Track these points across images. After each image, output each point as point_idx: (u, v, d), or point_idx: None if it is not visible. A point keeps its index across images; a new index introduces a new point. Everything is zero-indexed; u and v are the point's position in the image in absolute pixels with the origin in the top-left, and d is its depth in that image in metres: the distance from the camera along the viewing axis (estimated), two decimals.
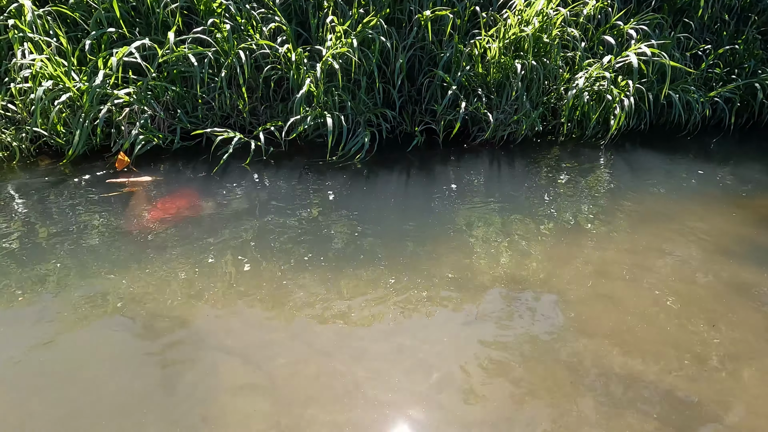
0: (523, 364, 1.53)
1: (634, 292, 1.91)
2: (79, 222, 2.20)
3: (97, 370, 1.44)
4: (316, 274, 1.92)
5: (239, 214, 2.35)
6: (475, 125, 3.53)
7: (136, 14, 3.09)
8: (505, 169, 3.12)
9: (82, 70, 2.80)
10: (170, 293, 1.76)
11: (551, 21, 3.39)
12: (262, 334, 1.60)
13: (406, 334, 1.63)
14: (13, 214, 2.25)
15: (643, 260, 2.12)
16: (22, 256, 1.94)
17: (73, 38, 2.94)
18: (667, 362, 1.56)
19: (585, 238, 2.29)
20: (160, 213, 2.31)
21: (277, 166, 2.95)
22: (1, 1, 2.81)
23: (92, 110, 2.72)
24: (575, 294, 1.88)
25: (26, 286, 1.76)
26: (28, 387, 1.37)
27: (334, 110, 3.13)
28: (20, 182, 2.56)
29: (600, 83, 3.41)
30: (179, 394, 1.36)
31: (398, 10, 3.47)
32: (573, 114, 3.56)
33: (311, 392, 1.39)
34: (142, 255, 1.98)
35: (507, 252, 2.15)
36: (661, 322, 1.74)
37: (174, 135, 3.03)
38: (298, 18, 3.39)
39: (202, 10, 3.06)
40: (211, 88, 3.08)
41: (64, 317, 1.62)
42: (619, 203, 2.68)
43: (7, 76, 2.81)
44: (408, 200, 2.60)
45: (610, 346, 1.62)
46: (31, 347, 1.50)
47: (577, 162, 3.28)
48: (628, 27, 3.65)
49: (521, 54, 3.38)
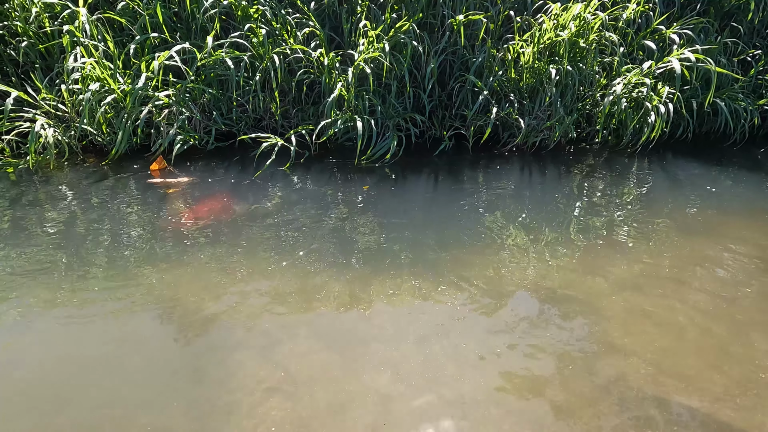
0: (550, 379, 1.49)
1: (669, 308, 1.83)
2: (118, 218, 2.31)
3: (129, 359, 1.50)
4: (342, 278, 1.93)
5: (269, 216, 2.40)
6: (506, 131, 3.47)
7: (178, 20, 3.22)
8: (536, 176, 3.05)
9: (126, 73, 2.93)
10: (201, 290, 1.82)
11: (588, 25, 3.30)
12: (286, 335, 1.62)
13: (429, 340, 1.62)
14: (60, 208, 2.38)
15: (679, 275, 2.03)
16: (63, 247, 2.05)
17: (118, 43, 3.09)
18: (702, 384, 1.48)
19: (618, 250, 2.21)
20: (194, 213, 2.39)
21: (306, 168, 3.00)
22: (55, 8, 2.99)
23: (134, 111, 2.85)
24: (606, 308, 1.82)
25: (66, 277, 1.86)
26: (65, 374, 1.44)
27: (364, 114, 3.15)
28: (68, 178, 2.71)
29: (639, 90, 3.29)
30: (206, 386, 1.40)
31: (431, 15, 3.46)
32: (609, 121, 3.45)
33: (332, 396, 1.40)
34: (176, 252, 2.05)
35: (535, 261, 2.10)
36: (696, 341, 1.66)
37: (209, 136, 3.13)
38: (332, 23, 3.45)
39: (239, 15, 3.16)
40: (246, 91, 3.16)
41: (99, 308, 1.70)
42: (657, 214, 2.57)
43: (59, 78, 2.98)
44: (435, 205, 2.59)
45: (643, 364, 1.55)
46: (69, 333, 1.58)
47: (612, 171, 3.17)
48: (670, 31, 3.50)
49: (556, 59, 3.31)
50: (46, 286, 1.80)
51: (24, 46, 2.96)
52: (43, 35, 3.02)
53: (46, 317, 1.66)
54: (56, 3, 2.95)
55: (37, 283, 1.82)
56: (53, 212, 2.34)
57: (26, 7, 2.94)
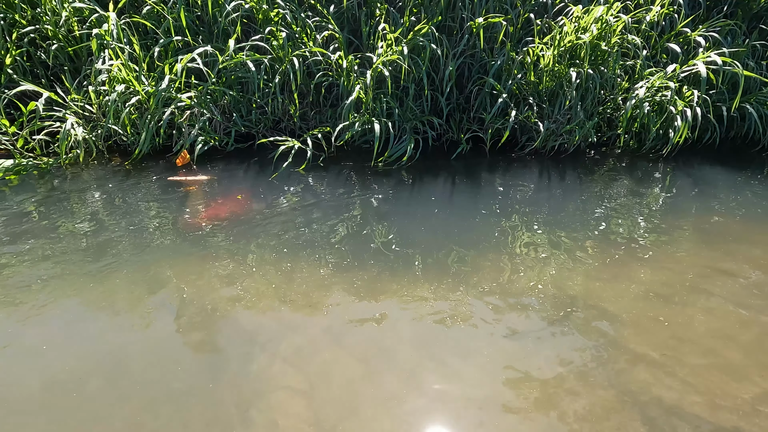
0: (570, 387, 1.46)
1: (692, 318, 1.78)
2: (140, 215, 2.36)
3: (147, 353, 1.53)
4: (356, 279, 1.94)
5: (285, 217, 2.42)
6: (525, 134, 3.44)
7: (200, 23, 3.29)
8: (555, 181, 3.01)
9: (150, 75, 3.01)
10: (218, 288, 1.85)
11: (611, 28, 3.25)
12: (299, 335, 1.63)
13: (442, 345, 1.61)
14: (87, 203, 2.45)
15: (701, 283, 1.97)
16: (87, 243, 2.10)
17: (143, 45, 3.17)
18: (728, 397, 1.44)
19: (638, 257, 2.16)
20: (213, 212, 2.43)
21: (323, 170, 3.02)
22: (84, 12, 3.08)
23: (157, 112, 2.92)
24: (625, 315, 1.78)
25: (89, 272, 1.91)
26: (86, 369, 1.48)
27: (382, 117, 3.16)
28: (95, 176, 2.78)
29: (663, 93, 3.22)
30: (221, 384, 1.42)
31: (450, 18, 3.46)
32: (631, 125, 3.39)
33: (345, 398, 1.40)
34: (195, 251, 2.09)
35: (553, 267, 2.07)
36: (721, 353, 1.61)
37: (229, 137, 3.18)
38: (350, 26, 3.47)
39: (260, 19, 3.21)
40: (265, 93, 3.20)
41: (119, 304, 1.74)
42: (679, 221, 2.51)
43: (86, 80, 3.07)
44: (451, 208, 2.58)
45: (666, 375, 1.51)
46: (89, 328, 1.62)
47: (633, 176, 3.11)
48: (695, 34, 3.43)
49: (577, 62, 3.26)
50: (73, 277, 1.85)
51: (54, 49, 3.05)
52: (71, 38, 3.12)
53: (73, 306, 1.70)
54: (85, 7, 3.04)
55: (63, 273, 1.87)
56: (81, 207, 2.41)
57: (56, 11, 3.04)
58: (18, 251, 2.02)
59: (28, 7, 3.07)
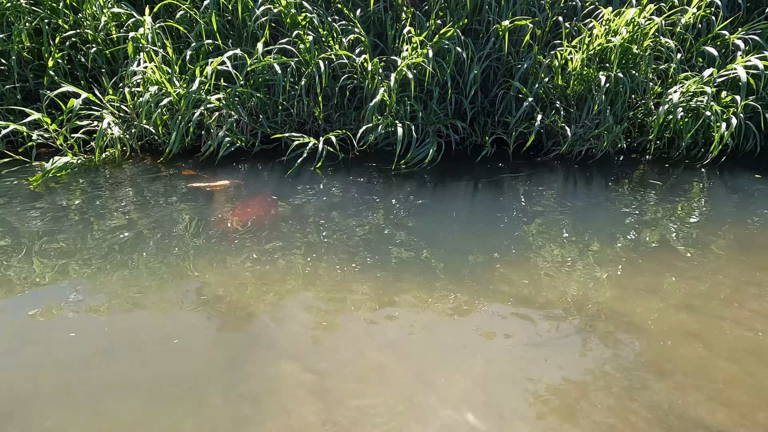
0: (594, 401, 1.42)
1: (721, 330, 1.69)
2: (168, 213, 2.43)
3: (170, 345, 1.57)
4: (376, 282, 1.94)
5: (308, 218, 2.45)
6: (550, 139, 3.37)
7: (230, 27, 3.38)
8: (582, 187, 2.94)
9: (182, 77, 3.11)
10: (241, 288, 1.88)
11: (643, 31, 3.15)
12: (317, 337, 1.65)
13: (462, 350, 1.59)
14: (120, 200, 2.55)
15: (735, 296, 1.88)
16: (121, 237, 2.18)
17: (175, 49, 3.28)
18: (752, 415, 1.36)
19: (670, 268, 2.08)
20: (237, 213, 2.48)
21: (346, 171, 3.04)
22: (122, 17, 3.22)
23: (187, 113, 3.01)
24: (654, 328, 1.71)
25: (116, 268, 1.98)
26: (112, 359, 1.53)
27: (405, 120, 3.17)
28: (128, 174, 2.89)
29: (698, 99, 3.10)
30: (239, 378, 1.44)
31: (476, 21, 3.44)
32: (663, 131, 3.27)
33: (361, 401, 1.40)
34: (220, 251, 2.14)
35: (578, 276, 2.02)
36: (754, 369, 1.52)
37: (255, 138, 3.25)
38: (376, 29, 3.50)
39: (288, 23, 3.27)
40: (291, 95, 3.26)
41: (142, 297, 1.80)
42: (713, 231, 2.40)
43: (121, 82, 3.20)
44: (473, 213, 2.55)
45: (694, 390, 1.45)
46: (115, 320, 1.68)
47: (665, 184, 3.00)
48: (734, 37, 3.29)
49: (606, 66, 3.18)
50: (103, 273, 1.93)
51: (93, 51, 3.20)
52: (109, 42, 3.26)
53: (102, 301, 1.77)
54: (123, 12, 3.18)
55: (93, 268, 1.95)
56: (114, 202, 2.50)
57: (96, 16, 3.18)
58: (55, 242, 2.12)
59: (70, 12, 3.23)
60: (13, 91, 3.17)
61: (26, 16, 3.18)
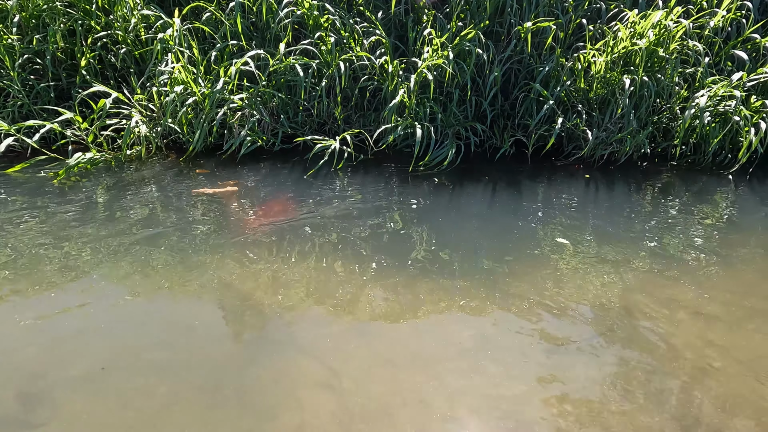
0: (613, 409, 1.39)
1: (744, 339, 1.64)
2: (190, 211, 2.49)
3: (186, 340, 1.60)
4: (393, 284, 1.95)
5: (327, 218, 2.47)
6: (571, 142, 3.33)
7: (254, 29, 3.45)
8: (603, 191, 2.89)
9: (206, 77, 3.18)
10: (260, 288, 1.92)
11: (669, 34, 3.09)
12: (333, 337, 1.66)
13: (479, 353, 1.58)
14: (140, 198, 2.62)
15: (760, 306, 1.82)
16: (137, 235, 2.24)
17: (201, 50, 3.36)
18: None
19: (694, 276, 2.03)
20: (257, 213, 2.52)
21: (364, 172, 3.06)
22: (150, 19, 3.32)
23: (211, 113, 3.08)
24: (673, 336, 1.67)
25: (137, 264, 2.04)
26: (135, 354, 1.58)
27: (425, 121, 3.17)
28: (154, 171, 2.97)
29: (726, 103, 3.02)
30: (254, 373, 1.47)
31: (497, 23, 3.42)
32: (689, 136, 3.20)
33: (377, 398, 1.41)
34: (238, 251, 2.18)
35: (596, 282, 1.99)
36: None
37: (276, 138, 3.30)
38: (397, 32, 3.51)
39: (310, 24, 3.32)
40: (312, 96, 3.30)
41: (163, 294, 1.85)
42: (741, 241, 2.33)
43: (149, 82, 3.30)
44: (492, 216, 2.54)
45: (721, 401, 1.41)
46: (135, 315, 1.73)
47: (690, 190, 2.93)
48: (766, 41, 3.19)
49: (631, 69, 3.13)
50: (123, 267, 1.98)
51: (122, 52, 3.30)
52: (138, 42, 3.36)
53: (125, 294, 1.82)
54: (151, 14, 3.27)
55: (116, 263, 2.01)
56: (138, 198, 2.58)
57: (127, 18, 3.29)
58: (81, 234, 2.19)
59: (102, 14, 3.34)
60: (47, 90, 3.29)
61: (61, 18, 3.31)
